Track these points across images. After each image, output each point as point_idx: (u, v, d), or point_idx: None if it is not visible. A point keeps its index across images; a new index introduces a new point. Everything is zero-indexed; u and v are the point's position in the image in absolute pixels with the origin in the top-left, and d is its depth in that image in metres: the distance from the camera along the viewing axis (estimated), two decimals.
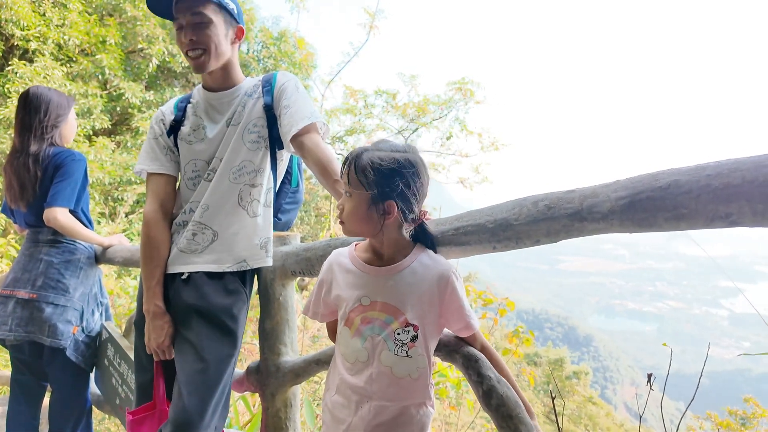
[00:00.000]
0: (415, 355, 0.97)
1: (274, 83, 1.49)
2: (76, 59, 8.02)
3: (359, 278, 1.04)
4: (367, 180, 0.95)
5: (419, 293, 0.98)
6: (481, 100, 11.03)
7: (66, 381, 2.06)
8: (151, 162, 1.52)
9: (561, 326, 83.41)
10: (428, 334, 0.99)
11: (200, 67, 1.42)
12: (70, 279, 2.03)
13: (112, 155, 7.48)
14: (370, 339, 1.00)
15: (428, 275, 0.99)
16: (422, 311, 0.98)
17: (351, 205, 0.99)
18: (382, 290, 1.01)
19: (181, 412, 1.26)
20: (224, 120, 1.47)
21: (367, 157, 0.97)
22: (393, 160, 0.95)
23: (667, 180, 0.75)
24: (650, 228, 0.78)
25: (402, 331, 0.97)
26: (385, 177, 0.95)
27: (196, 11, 1.37)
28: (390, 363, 0.98)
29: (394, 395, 0.98)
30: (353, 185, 0.98)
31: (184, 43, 1.39)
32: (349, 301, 1.04)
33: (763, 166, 0.67)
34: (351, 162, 0.98)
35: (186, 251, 1.42)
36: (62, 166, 1.98)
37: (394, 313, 0.98)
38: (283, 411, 1.57)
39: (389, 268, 1.01)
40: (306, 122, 1.38)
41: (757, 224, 0.71)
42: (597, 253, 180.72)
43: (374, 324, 1.00)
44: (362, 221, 0.98)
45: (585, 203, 0.83)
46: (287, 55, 10.61)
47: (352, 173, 0.98)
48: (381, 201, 0.96)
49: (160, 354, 1.40)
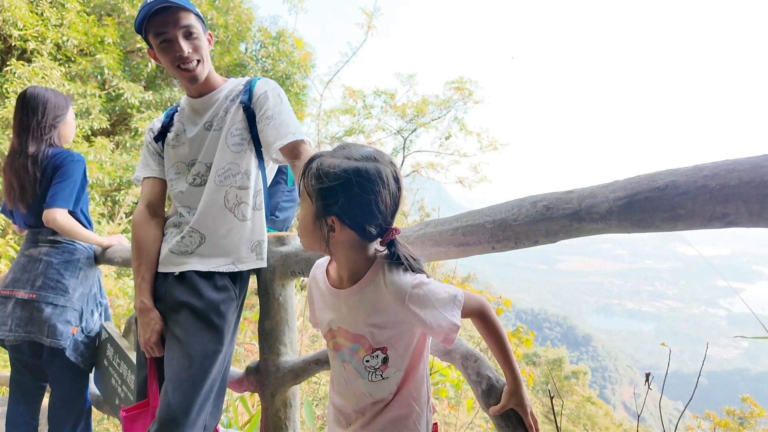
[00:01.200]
0: (390, 375, 0.93)
1: (253, 85, 1.51)
2: (75, 59, 8.01)
3: (328, 299, 0.99)
4: (311, 189, 0.86)
5: (379, 315, 0.91)
6: (480, 100, 11.05)
7: (65, 381, 2.06)
8: (143, 168, 1.59)
9: (560, 326, 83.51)
10: (401, 349, 0.92)
11: (195, 78, 1.44)
12: (69, 279, 2.03)
13: (111, 155, 7.47)
14: (344, 366, 0.98)
15: (385, 296, 0.90)
16: (387, 332, 0.91)
17: (300, 215, 0.92)
18: (343, 316, 0.95)
19: (166, 409, 1.27)
20: (203, 122, 1.49)
21: (316, 164, 0.86)
22: (342, 170, 0.83)
23: (665, 181, 0.76)
24: (648, 228, 0.79)
25: (370, 357, 0.92)
26: (330, 189, 0.84)
27: (185, 24, 1.38)
28: (367, 390, 0.94)
29: (379, 412, 0.95)
30: (302, 194, 0.90)
31: (177, 56, 1.38)
32: (323, 323, 1.02)
33: (760, 167, 0.68)
34: (305, 167, 0.89)
35: (176, 252, 1.45)
36: (61, 166, 1.98)
37: (358, 340, 0.93)
38: (282, 411, 1.58)
39: (346, 292, 0.94)
40: (294, 138, 1.39)
41: (753, 224, 0.71)
42: (596, 253, 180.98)
43: (343, 351, 0.97)
44: (310, 236, 0.90)
45: (583, 204, 0.84)
46: (285, 54, 10.61)
47: (302, 180, 0.88)
48: (324, 216, 0.86)
49: (148, 351, 1.43)
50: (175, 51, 1.38)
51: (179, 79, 1.47)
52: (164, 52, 1.39)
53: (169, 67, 1.42)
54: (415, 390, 0.95)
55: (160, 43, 1.38)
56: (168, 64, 1.42)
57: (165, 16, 1.35)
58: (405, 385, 0.94)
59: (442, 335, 0.88)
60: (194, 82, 1.45)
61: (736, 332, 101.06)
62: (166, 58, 1.40)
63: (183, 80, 1.45)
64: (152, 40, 1.39)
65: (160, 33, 1.37)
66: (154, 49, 1.42)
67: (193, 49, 1.40)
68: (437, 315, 0.87)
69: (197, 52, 1.41)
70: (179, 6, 1.36)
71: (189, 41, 1.39)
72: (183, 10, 1.37)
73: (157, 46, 1.39)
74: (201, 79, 1.45)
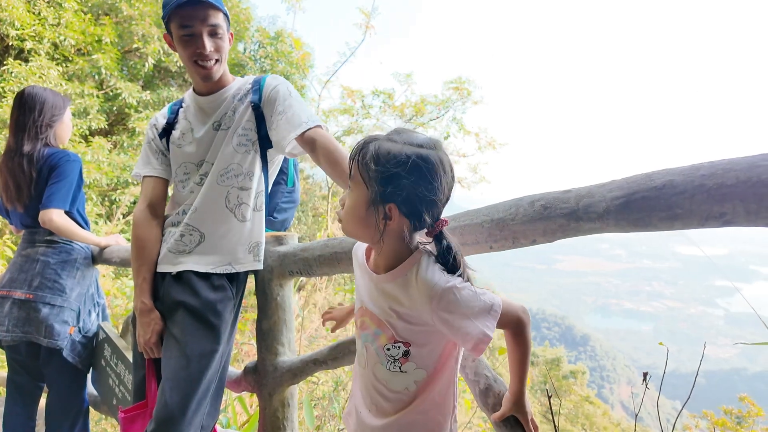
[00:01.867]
0: (410, 370, 0.88)
1: (263, 84, 1.50)
2: (72, 59, 8.00)
3: (364, 278, 0.96)
4: (369, 175, 0.81)
5: (404, 309, 0.86)
6: (479, 100, 11.06)
7: (63, 382, 2.06)
8: (144, 165, 1.57)
9: (558, 326, 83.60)
10: (425, 347, 0.87)
11: (210, 76, 1.43)
12: (66, 279, 2.03)
13: (108, 155, 7.46)
14: (365, 347, 0.94)
15: (414, 293, 0.85)
16: (411, 328, 0.86)
17: (349, 203, 0.86)
18: (373, 297, 0.92)
19: (163, 408, 1.27)
20: (211, 122, 1.48)
21: (374, 148, 0.82)
22: (405, 156, 0.79)
23: (662, 180, 0.76)
24: (645, 228, 0.79)
25: (392, 346, 0.88)
26: (392, 175, 0.79)
27: (213, 22, 1.37)
28: (384, 378, 0.90)
29: (393, 408, 0.90)
30: (354, 178, 0.85)
31: (198, 52, 1.38)
32: (357, 299, 0.99)
33: (757, 166, 0.68)
34: (358, 150, 0.85)
35: (174, 251, 1.44)
36: (57, 166, 1.97)
37: (381, 326, 0.90)
38: (280, 411, 1.57)
39: (380, 277, 0.90)
40: (314, 124, 1.39)
41: (750, 224, 0.72)
42: (594, 253, 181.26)
43: (368, 332, 0.94)
44: (359, 223, 0.85)
45: (581, 203, 0.84)
46: (284, 55, 10.61)
47: (355, 163, 0.84)
48: (381, 203, 0.81)
49: (148, 351, 1.42)
50: (197, 47, 1.37)
51: (192, 74, 1.45)
52: (185, 44, 1.38)
53: (185, 59, 1.41)
54: (440, 396, 0.89)
55: (183, 35, 1.37)
56: (186, 57, 1.40)
57: (195, 9, 1.34)
58: (428, 388, 0.88)
59: (470, 344, 0.81)
60: (208, 80, 1.44)
61: (734, 332, 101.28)
62: (185, 51, 1.39)
63: (197, 76, 1.44)
64: (175, 29, 1.37)
65: (185, 25, 1.35)
66: (174, 37, 1.40)
67: (215, 48, 1.40)
68: (467, 324, 0.81)
69: (218, 52, 1.41)
70: (211, 3, 1.35)
71: (213, 40, 1.39)
72: (213, 8, 1.37)
73: (180, 37, 1.37)
74: (215, 78, 1.45)
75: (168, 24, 1.40)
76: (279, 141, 1.42)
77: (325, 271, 1.38)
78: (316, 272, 1.40)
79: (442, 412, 0.90)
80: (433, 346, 0.88)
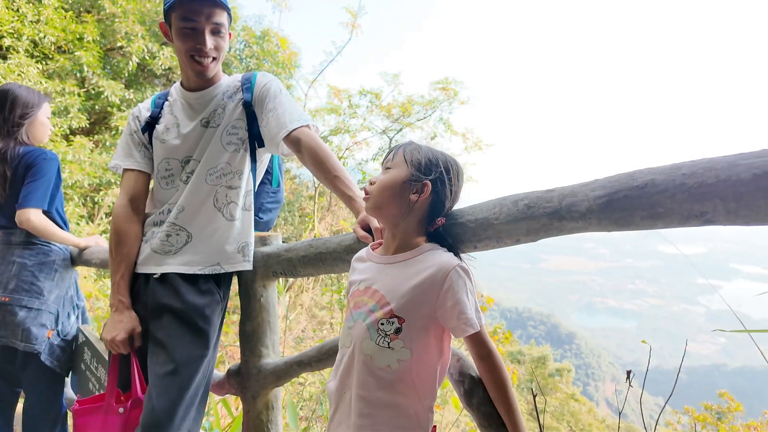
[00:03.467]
0: (397, 348, 0.92)
1: (254, 81, 1.48)
2: (53, 56, 7.83)
3: (367, 266, 1.04)
4: (412, 159, 0.97)
5: (414, 285, 0.92)
6: (465, 101, 11.12)
7: (40, 386, 2.01)
8: (125, 158, 1.53)
9: (544, 324, 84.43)
10: (417, 329, 0.92)
11: (204, 73, 1.41)
12: (44, 281, 1.98)
13: (90, 155, 7.32)
14: (354, 324, 0.98)
15: (428, 267, 0.93)
16: (413, 304, 0.92)
17: (386, 177, 0.98)
18: (378, 277, 0.99)
19: (150, 413, 1.25)
20: (199, 118, 1.45)
21: (418, 145, 1.00)
22: (443, 155, 1.00)
23: (644, 179, 0.76)
24: (627, 226, 0.79)
25: (386, 321, 0.93)
26: (431, 163, 0.96)
27: (217, 21, 1.35)
28: (370, 352, 0.93)
29: (375, 384, 0.92)
30: (397, 160, 0.99)
31: (198, 48, 1.35)
32: (352, 285, 1.05)
33: (736, 165, 0.68)
34: (401, 145, 1.01)
35: (159, 252, 1.41)
36: (33, 165, 1.93)
37: (380, 301, 0.95)
38: (264, 413, 1.56)
39: (393, 257, 0.99)
40: (300, 123, 1.38)
41: (730, 222, 0.72)
42: (578, 252, 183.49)
43: (362, 309, 0.98)
44: (394, 195, 0.96)
45: (564, 202, 0.84)
46: (270, 54, 10.53)
47: (397, 151, 1.00)
48: (419, 180, 0.95)
49: (114, 347, 1.38)
50: (197, 42, 1.35)
51: (187, 68, 1.42)
52: (185, 38, 1.35)
53: (182, 53, 1.38)
54: (420, 382, 0.93)
55: (183, 28, 1.34)
56: (183, 50, 1.38)
57: (201, 4, 1.32)
58: (409, 370, 0.91)
59: (457, 323, 0.89)
60: (202, 76, 1.42)
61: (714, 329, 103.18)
62: (184, 44, 1.36)
63: (190, 71, 1.41)
64: (176, 20, 1.34)
65: (188, 18, 1.33)
66: (173, 30, 1.37)
67: (215, 46, 1.38)
68: (468, 305, 0.90)
69: (217, 51, 1.40)
70: (218, 1, 1.33)
71: (214, 38, 1.37)
72: (220, 6, 1.35)
73: (180, 29, 1.35)
74: (209, 76, 1.43)
75: (168, 13, 1.36)
76: (271, 138, 1.41)
77: (309, 271, 1.37)
78: (300, 273, 1.39)
79: (421, 401, 0.93)
80: (423, 328, 0.93)
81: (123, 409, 1.37)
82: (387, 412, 0.92)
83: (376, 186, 0.98)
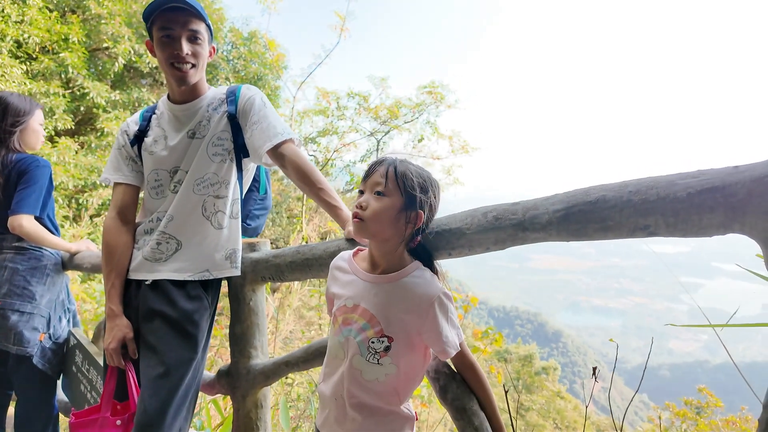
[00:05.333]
0: (385, 363, 0.99)
1: (238, 94, 1.54)
2: (37, 57, 7.75)
3: (351, 281, 1.07)
4: (406, 186, 0.98)
5: (402, 308, 0.99)
6: (452, 104, 11.23)
7: (32, 389, 2.05)
8: (114, 172, 1.58)
9: (531, 323, 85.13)
10: (403, 347, 0.99)
11: (184, 80, 1.45)
12: (36, 286, 2.02)
13: (75, 156, 7.27)
14: (347, 340, 1.03)
15: (415, 293, 0.99)
16: (401, 326, 0.99)
17: (381, 205, 0.98)
18: (367, 297, 1.02)
19: (143, 414, 1.31)
20: (186, 130, 1.51)
21: (405, 166, 1.01)
22: (429, 176, 1.02)
23: (597, 195, 0.85)
24: (583, 237, 0.88)
25: (376, 340, 0.99)
26: (423, 189, 0.99)
27: (193, 28, 1.41)
28: (360, 367, 1.01)
29: (363, 394, 1.01)
30: (390, 185, 0.99)
31: (175, 54, 1.40)
32: (339, 299, 1.09)
33: (674, 185, 0.78)
34: (390, 165, 1.00)
35: (150, 259, 1.47)
36: (26, 172, 1.96)
37: (372, 321, 1.00)
38: (253, 412, 1.62)
39: (380, 277, 1.02)
40: (283, 138, 1.44)
41: (670, 234, 0.81)
42: (565, 251, 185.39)
43: (352, 327, 1.03)
44: (389, 224, 0.98)
45: (527, 215, 0.92)
46: (257, 55, 10.53)
47: (391, 176, 0.99)
48: (413, 209, 0.98)
49: (109, 357, 1.44)
50: (174, 49, 1.40)
51: (168, 77, 1.47)
52: (163, 46, 1.40)
53: (163, 62, 1.43)
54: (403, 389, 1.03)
55: (162, 37, 1.40)
56: (163, 60, 1.43)
57: (177, 14, 1.38)
58: (395, 382, 1.00)
59: (443, 347, 0.97)
60: (182, 83, 1.45)
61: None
62: (163, 53, 1.41)
63: (172, 79, 1.45)
64: (156, 32, 1.40)
65: (165, 27, 1.38)
66: (154, 41, 1.43)
67: (192, 52, 1.42)
68: (450, 330, 0.98)
69: (195, 57, 1.44)
70: (193, 11, 1.39)
71: (191, 45, 1.42)
72: (196, 16, 1.40)
73: (159, 39, 1.40)
74: (190, 83, 1.46)
75: (150, 29, 1.43)
76: (255, 150, 1.47)
77: (297, 276, 1.43)
78: (288, 278, 1.46)
79: (402, 399, 1.03)
80: (410, 346, 1.00)
81: (120, 422, 1.41)
82: (377, 417, 1.01)
83: (370, 213, 0.98)
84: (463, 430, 1.00)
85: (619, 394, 7.81)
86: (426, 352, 1.03)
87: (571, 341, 77.80)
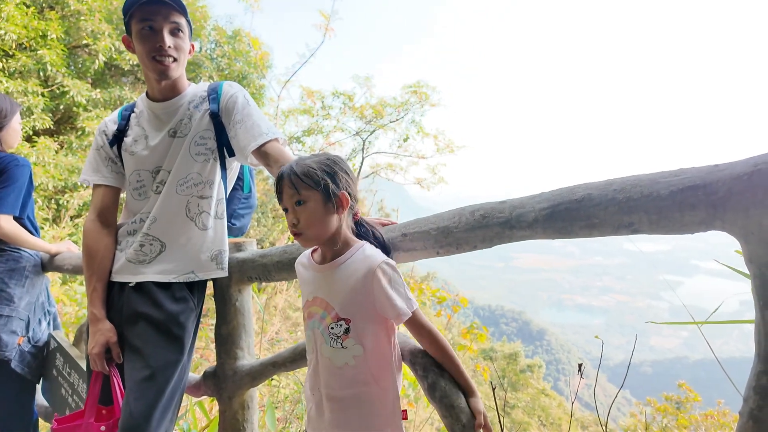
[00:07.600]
0: (349, 346, 1.02)
1: (220, 92, 1.50)
2: (14, 54, 7.56)
3: (310, 275, 1.12)
4: (314, 180, 1.01)
5: (351, 287, 1.02)
6: (436, 103, 11.29)
7: (11, 393, 2.00)
8: (93, 173, 1.54)
9: (515, 321, 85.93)
10: (363, 325, 1.02)
11: (166, 74, 1.42)
12: (14, 288, 1.97)
13: (55, 156, 7.11)
14: (312, 332, 1.08)
15: (359, 269, 1.02)
16: (353, 305, 1.02)
17: (307, 212, 1.01)
18: (321, 286, 1.07)
19: (128, 417, 1.29)
20: (167, 129, 1.48)
21: (302, 164, 1.03)
22: (326, 157, 1.05)
23: (582, 193, 0.86)
24: (568, 235, 0.89)
25: (335, 325, 1.03)
26: (330, 173, 1.02)
27: (175, 20, 1.38)
28: (328, 354, 1.04)
29: (337, 383, 1.03)
30: (303, 191, 1.01)
31: (158, 47, 1.37)
32: (303, 296, 1.13)
33: (656, 183, 0.79)
34: (289, 174, 1.03)
35: (134, 261, 1.44)
36: (5, 171, 1.92)
37: (327, 308, 1.04)
38: (240, 413, 1.61)
39: (328, 265, 1.06)
40: (268, 137, 1.41)
41: (653, 232, 0.83)
42: (549, 250, 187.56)
43: (315, 318, 1.07)
44: (322, 221, 1.02)
45: (514, 213, 0.93)
46: (241, 54, 10.43)
47: (297, 182, 1.01)
48: (335, 194, 1.01)
49: (91, 362, 1.41)
50: (156, 41, 1.36)
51: (149, 72, 1.43)
52: (144, 39, 1.37)
53: (143, 56, 1.39)
54: (377, 371, 1.04)
55: (142, 29, 1.36)
56: (144, 53, 1.39)
57: (158, 6, 1.35)
58: (366, 363, 1.02)
59: (396, 311, 0.99)
60: (164, 77, 1.42)
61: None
62: (144, 46, 1.37)
63: (153, 73, 1.42)
64: (135, 24, 1.37)
65: (146, 19, 1.35)
66: (133, 35, 1.39)
67: (174, 45, 1.40)
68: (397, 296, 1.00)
69: (177, 51, 1.41)
70: (175, 5, 1.36)
71: (173, 38, 1.39)
72: (177, 9, 1.38)
73: (139, 32, 1.37)
74: (172, 77, 1.43)
75: (128, 23, 1.39)
76: (240, 150, 1.44)
77: (284, 276, 1.42)
78: (275, 278, 1.45)
79: (381, 384, 1.04)
80: (369, 322, 1.03)
81: (105, 427, 1.37)
82: (354, 407, 1.02)
83: (304, 223, 1.02)
84: (451, 427, 1.00)
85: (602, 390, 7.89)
86: (387, 324, 1.06)
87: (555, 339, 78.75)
